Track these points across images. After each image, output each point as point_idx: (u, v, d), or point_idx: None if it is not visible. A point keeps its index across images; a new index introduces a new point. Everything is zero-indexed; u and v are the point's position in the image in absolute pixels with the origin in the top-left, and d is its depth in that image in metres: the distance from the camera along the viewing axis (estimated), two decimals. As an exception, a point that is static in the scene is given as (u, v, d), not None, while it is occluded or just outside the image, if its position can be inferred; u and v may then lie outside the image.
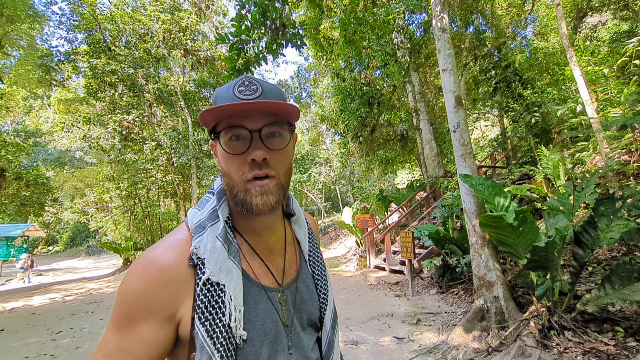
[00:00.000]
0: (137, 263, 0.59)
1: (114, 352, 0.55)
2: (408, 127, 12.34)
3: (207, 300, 0.58)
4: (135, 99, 12.55)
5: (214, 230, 0.63)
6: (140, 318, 0.56)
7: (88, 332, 5.29)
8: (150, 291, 0.56)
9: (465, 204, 4.52)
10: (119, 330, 0.56)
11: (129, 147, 12.28)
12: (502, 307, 4.04)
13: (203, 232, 0.62)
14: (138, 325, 0.55)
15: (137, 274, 0.57)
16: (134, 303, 0.56)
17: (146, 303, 0.56)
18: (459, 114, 4.67)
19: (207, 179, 12.18)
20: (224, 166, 0.65)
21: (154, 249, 0.61)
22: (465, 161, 4.53)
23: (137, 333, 0.55)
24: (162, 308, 0.57)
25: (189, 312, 0.59)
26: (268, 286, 0.68)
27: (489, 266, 4.23)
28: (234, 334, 0.58)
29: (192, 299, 0.59)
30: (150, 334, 0.56)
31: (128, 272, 0.58)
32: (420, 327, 4.89)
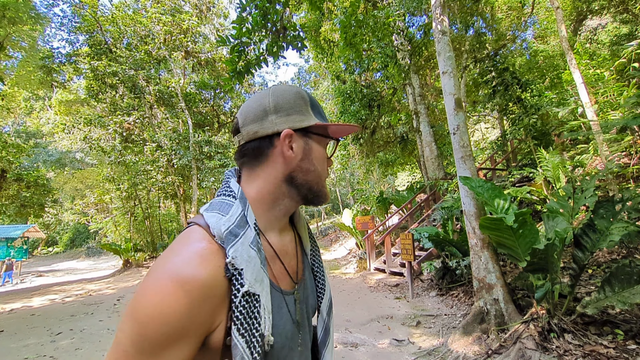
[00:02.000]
0: (166, 279, 0.52)
1: None
2: (408, 129, 12.35)
3: (245, 311, 0.57)
4: (136, 100, 12.58)
5: (246, 238, 0.61)
6: (179, 339, 0.52)
7: (88, 334, 5.28)
8: (193, 310, 0.52)
9: (465, 206, 4.52)
10: (151, 355, 0.50)
11: (130, 148, 12.30)
12: (502, 310, 4.04)
13: (236, 240, 0.59)
14: (175, 346, 0.51)
15: (174, 293, 0.51)
16: (174, 325, 0.50)
17: (188, 323, 0.52)
18: (458, 116, 4.68)
19: (208, 180, 12.19)
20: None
21: (183, 262, 0.54)
22: (465, 163, 4.54)
23: (173, 354, 0.51)
24: (202, 325, 0.55)
25: (223, 321, 0.58)
26: (285, 290, 0.69)
27: (489, 268, 4.23)
28: (265, 342, 0.59)
29: (227, 308, 0.58)
30: (186, 353, 0.53)
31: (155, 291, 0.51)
32: (420, 329, 4.88)
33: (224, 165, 13.04)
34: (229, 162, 13.19)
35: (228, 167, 12.97)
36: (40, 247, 34.11)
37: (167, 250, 0.58)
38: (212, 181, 12.17)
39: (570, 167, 7.26)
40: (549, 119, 7.52)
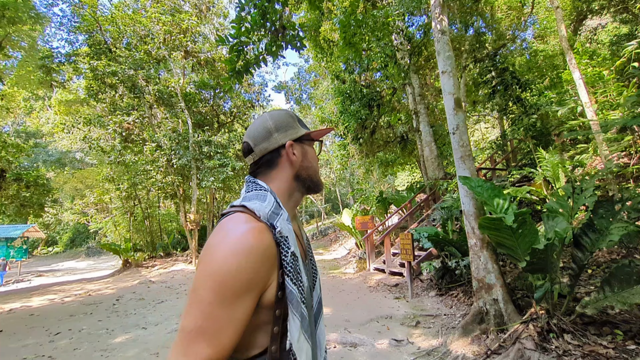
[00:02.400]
0: (237, 246, 0.68)
1: (226, 324, 0.65)
2: (408, 129, 12.34)
3: (292, 267, 0.76)
4: (135, 100, 12.56)
5: (283, 216, 0.80)
6: (249, 291, 0.68)
7: (86, 334, 5.27)
8: (257, 269, 0.69)
9: (464, 206, 4.52)
10: (230, 304, 0.65)
11: (129, 148, 12.28)
12: (502, 310, 4.03)
13: (278, 217, 0.79)
14: (246, 297, 0.67)
15: (245, 256, 0.67)
16: (246, 279, 0.67)
17: (254, 279, 0.68)
18: (458, 116, 4.67)
19: (207, 180, 12.17)
20: (312, 161, 0.97)
21: (246, 234, 0.70)
22: (464, 163, 4.53)
23: (245, 304, 0.67)
24: (262, 281, 0.71)
25: (275, 280, 0.74)
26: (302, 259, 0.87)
27: (488, 268, 4.22)
28: (305, 288, 0.79)
29: (277, 268, 0.74)
30: (252, 303, 0.69)
31: (230, 255, 0.67)
32: (419, 329, 4.87)
33: (224, 165, 13.03)
34: (229, 161, 13.17)
35: (227, 166, 12.96)
36: (40, 247, 34.10)
37: (223, 229, 0.72)
38: (212, 180, 12.15)
39: (570, 167, 7.26)
40: (549, 118, 7.51)
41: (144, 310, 6.59)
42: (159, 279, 9.99)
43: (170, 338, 4.94)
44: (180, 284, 9.17)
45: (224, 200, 20.83)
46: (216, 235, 0.72)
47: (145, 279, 9.88)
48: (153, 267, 12.00)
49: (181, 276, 10.29)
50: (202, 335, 0.63)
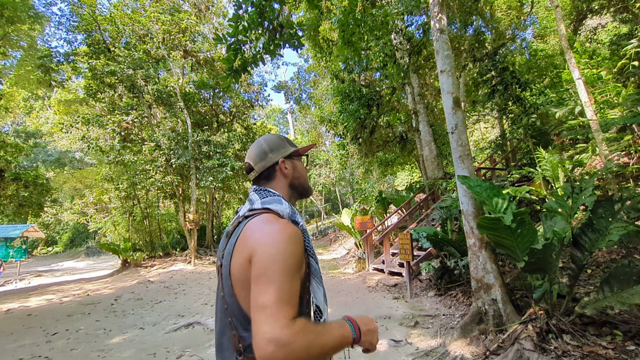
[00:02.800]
0: (287, 236, 0.88)
1: (294, 293, 0.83)
2: (407, 129, 12.32)
3: (310, 249, 1.00)
4: (134, 100, 12.53)
5: (299, 215, 1.08)
6: (299, 268, 0.89)
7: (84, 334, 5.25)
8: (300, 251, 0.91)
9: (463, 206, 4.49)
10: (292, 278, 0.84)
11: (128, 148, 12.24)
12: (500, 310, 4.01)
13: (297, 215, 1.06)
14: (298, 273, 0.88)
15: (295, 242, 0.88)
16: (300, 259, 0.89)
17: (301, 258, 0.91)
18: (457, 115, 4.65)
19: (206, 180, 12.13)
20: (301, 172, 1.20)
21: (287, 228, 0.90)
22: (463, 162, 4.50)
23: (298, 277, 0.88)
24: (302, 259, 0.93)
25: (304, 259, 0.95)
26: None
27: (487, 268, 4.20)
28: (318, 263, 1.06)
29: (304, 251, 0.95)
30: (301, 276, 0.92)
31: (284, 241, 0.86)
32: (417, 329, 4.85)
33: (223, 165, 13.00)
34: (228, 161, 13.14)
35: (227, 166, 12.93)
36: (40, 247, 34.06)
37: (265, 226, 0.91)
38: (211, 180, 12.11)
39: (569, 167, 7.23)
40: (548, 118, 7.49)
41: (142, 311, 6.57)
42: (157, 278, 9.97)
43: (168, 338, 4.92)
44: (179, 283, 9.15)
45: (223, 200, 20.81)
46: (262, 231, 0.90)
47: (144, 279, 9.85)
48: (152, 267, 11.98)
49: (180, 276, 10.27)
50: (284, 303, 0.78)
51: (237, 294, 0.91)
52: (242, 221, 1.00)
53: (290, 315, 0.77)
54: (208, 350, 4.40)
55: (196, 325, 5.50)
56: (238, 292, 0.91)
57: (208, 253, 14.74)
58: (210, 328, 5.27)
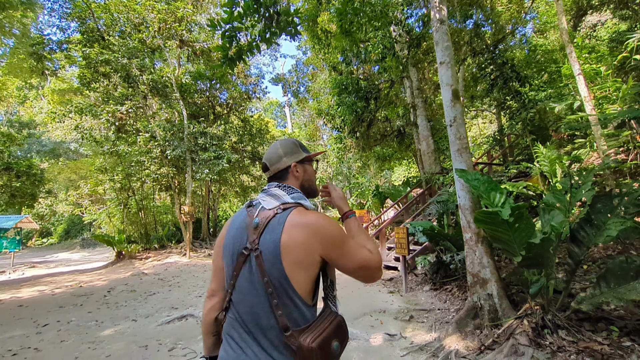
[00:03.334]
0: (328, 217, 1.15)
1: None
2: (405, 123, 12.24)
3: None
4: (129, 90, 12.33)
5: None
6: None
7: (75, 325, 5.18)
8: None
9: (460, 200, 4.44)
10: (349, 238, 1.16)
11: (123, 138, 12.07)
12: (496, 305, 3.98)
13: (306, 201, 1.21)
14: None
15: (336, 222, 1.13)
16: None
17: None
18: (455, 108, 4.58)
19: (202, 172, 12.01)
20: (312, 176, 1.36)
21: (323, 215, 1.15)
22: (461, 156, 4.44)
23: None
24: None
25: None
26: None
27: (483, 263, 4.16)
28: None
29: None
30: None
31: (333, 223, 1.10)
32: (412, 323, 4.82)
33: (219, 157, 12.87)
34: (224, 154, 13.02)
35: (223, 159, 12.81)
36: (35, 238, 33.85)
37: (308, 214, 1.11)
38: (207, 173, 11.99)
39: (567, 162, 7.20)
40: (547, 114, 7.43)
41: (135, 303, 6.51)
42: (152, 271, 9.90)
43: (160, 330, 4.86)
44: (173, 276, 9.09)
45: (219, 193, 20.70)
46: (306, 217, 1.10)
47: (138, 271, 9.78)
48: (147, 259, 11.90)
49: (174, 268, 10.20)
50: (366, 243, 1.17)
51: (290, 276, 1.02)
52: (279, 213, 1.10)
53: (376, 246, 1.18)
54: (201, 342, 4.35)
55: (189, 317, 5.44)
56: (291, 274, 1.03)
57: (203, 246, 14.67)
58: (203, 320, 5.23)
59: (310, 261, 1.05)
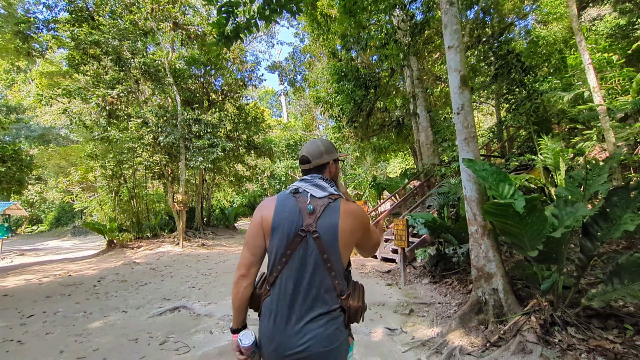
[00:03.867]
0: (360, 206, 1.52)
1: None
2: (404, 114, 12.02)
3: None
4: (121, 74, 11.89)
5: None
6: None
7: (62, 317, 4.97)
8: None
9: (466, 191, 4.27)
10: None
11: (114, 124, 11.67)
12: (501, 300, 3.84)
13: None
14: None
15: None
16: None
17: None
18: (463, 94, 4.37)
19: (195, 160, 11.71)
20: (338, 172, 1.56)
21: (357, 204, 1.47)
22: (468, 145, 4.25)
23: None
24: None
25: None
26: None
27: (489, 257, 4.01)
28: None
29: None
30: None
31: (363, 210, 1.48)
32: (413, 317, 4.69)
33: (213, 145, 12.57)
34: (219, 142, 12.71)
35: (217, 147, 12.52)
36: (24, 225, 33.28)
37: (351, 205, 1.39)
38: (201, 161, 11.68)
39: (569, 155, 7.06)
40: (550, 105, 7.26)
41: (126, 293, 6.30)
42: (143, 260, 9.67)
43: (151, 323, 4.67)
44: (166, 266, 8.88)
45: (213, 182, 20.40)
46: (353, 207, 1.38)
47: (129, 260, 9.54)
48: (139, 248, 11.65)
49: (167, 258, 9.99)
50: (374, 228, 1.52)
51: (342, 254, 1.31)
52: (331, 202, 1.34)
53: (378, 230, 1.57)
54: (194, 336, 4.18)
55: (182, 309, 5.26)
56: (343, 252, 1.31)
57: (197, 235, 14.44)
58: (196, 313, 5.04)
59: (353, 242, 1.37)
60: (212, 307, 5.28)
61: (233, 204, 33.34)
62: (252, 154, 18.03)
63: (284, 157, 30.90)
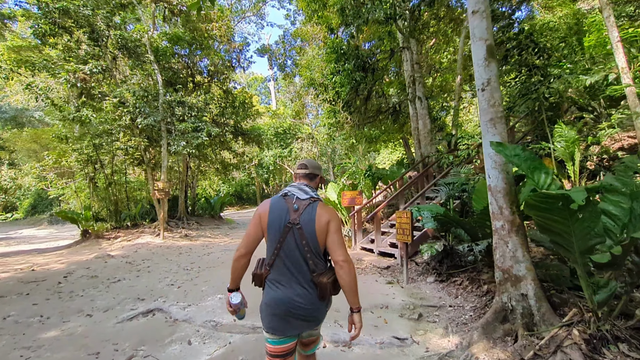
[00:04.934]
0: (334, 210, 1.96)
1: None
2: (402, 99, 11.38)
3: None
4: (96, 49, 10.83)
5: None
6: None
7: (12, 323, 4.21)
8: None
9: (490, 180, 3.67)
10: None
11: (88, 104, 10.64)
12: (532, 308, 3.29)
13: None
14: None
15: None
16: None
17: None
18: (490, 67, 3.74)
19: (177, 144, 10.84)
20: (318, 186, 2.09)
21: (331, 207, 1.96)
22: (495, 127, 3.64)
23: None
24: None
25: None
26: None
27: (517, 257, 3.44)
28: None
29: None
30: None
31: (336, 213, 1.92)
32: (422, 323, 4.12)
33: (198, 130, 11.71)
34: (204, 126, 11.86)
35: (202, 131, 11.67)
36: (-3, 212, 31.61)
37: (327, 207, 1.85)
38: (183, 145, 10.82)
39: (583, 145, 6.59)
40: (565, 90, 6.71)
41: (94, 292, 5.55)
42: (120, 252, 8.88)
43: (119, 330, 3.97)
44: (144, 259, 8.12)
45: (199, 169, 19.47)
46: (327, 209, 1.82)
47: (103, 252, 8.72)
48: (116, 238, 10.80)
49: (146, 250, 9.21)
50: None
51: (319, 240, 1.77)
52: (311, 203, 1.83)
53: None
54: (169, 347, 3.51)
55: (157, 312, 4.57)
56: (319, 239, 1.77)
57: (180, 225, 13.62)
58: (174, 317, 4.36)
59: (325, 232, 1.78)
60: (192, 309, 4.61)
61: (219, 193, 32.39)
62: (239, 141, 17.16)
63: (273, 146, 30.01)
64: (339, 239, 1.75)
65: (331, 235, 1.75)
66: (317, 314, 1.81)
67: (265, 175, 32.89)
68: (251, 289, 2.09)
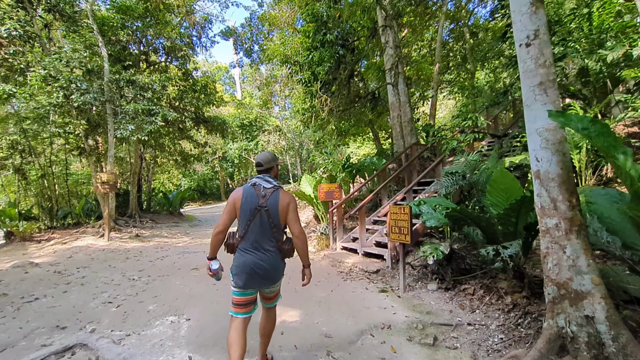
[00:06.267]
0: (294, 197, 2.66)
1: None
2: (382, 85, 10.49)
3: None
4: (20, 12, 8.88)
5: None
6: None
7: None
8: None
9: (539, 165, 2.78)
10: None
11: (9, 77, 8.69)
12: (603, 336, 2.43)
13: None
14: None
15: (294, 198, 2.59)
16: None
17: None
18: (537, 15, 2.82)
19: (125, 128, 9.21)
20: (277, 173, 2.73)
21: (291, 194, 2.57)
22: (546, 94, 2.74)
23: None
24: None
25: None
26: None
27: (579, 266, 2.57)
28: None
29: None
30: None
31: (294, 198, 2.57)
32: (441, 350, 3.19)
33: (152, 114, 10.12)
34: (159, 110, 10.28)
35: (157, 115, 10.09)
36: None
37: (287, 193, 2.50)
38: (132, 130, 9.18)
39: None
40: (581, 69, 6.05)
41: (-5, 318, 4.08)
42: (48, 259, 7.23)
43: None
44: (79, 267, 6.60)
45: (155, 161, 17.59)
46: (287, 195, 2.47)
47: (26, 260, 7.02)
48: (48, 241, 9.00)
49: (83, 255, 7.62)
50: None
51: (281, 219, 2.40)
52: (275, 190, 2.43)
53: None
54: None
55: (78, 350, 3.26)
56: (281, 218, 2.40)
57: (131, 224, 11.90)
58: (106, 358, 3.09)
59: (286, 212, 2.41)
60: (131, 342, 3.36)
61: (180, 187, 30.15)
62: (201, 129, 15.53)
63: (238, 138, 28.30)
64: (295, 217, 2.45)
65: (290, 214, 2.43)
66: (274, 274, 2.44)
67: (230, 169, 31.08)
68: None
